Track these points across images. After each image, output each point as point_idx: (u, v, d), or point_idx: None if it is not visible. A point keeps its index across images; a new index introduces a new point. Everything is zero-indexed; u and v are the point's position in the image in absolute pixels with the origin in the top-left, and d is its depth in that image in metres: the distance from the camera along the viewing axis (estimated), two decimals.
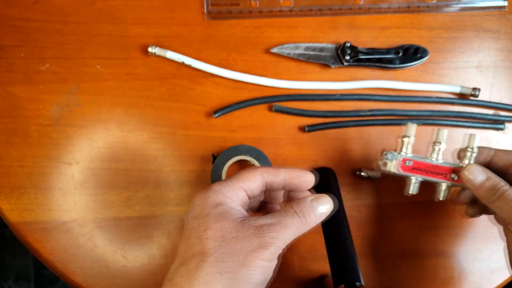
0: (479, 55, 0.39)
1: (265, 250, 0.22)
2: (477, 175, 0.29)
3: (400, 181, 0.34)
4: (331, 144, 0.38)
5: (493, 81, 0.39)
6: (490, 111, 0.39)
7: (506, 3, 0.38)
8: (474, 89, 0.38)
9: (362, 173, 0.37)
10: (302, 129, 0.38)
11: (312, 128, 0.37)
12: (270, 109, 0.38)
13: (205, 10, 0.37)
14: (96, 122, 0.37)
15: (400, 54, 0.38)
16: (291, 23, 0.38)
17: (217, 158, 0.35)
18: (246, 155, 0.35)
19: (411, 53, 0.38)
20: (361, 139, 0.38)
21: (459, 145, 0.34)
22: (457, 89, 0.38)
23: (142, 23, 0.37)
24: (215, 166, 0.35)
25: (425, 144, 0.38)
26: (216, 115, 0.36)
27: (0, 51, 0.37)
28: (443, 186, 0.32)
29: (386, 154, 0.32)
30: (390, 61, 0.37)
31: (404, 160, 0.31)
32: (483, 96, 0.39)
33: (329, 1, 0.37)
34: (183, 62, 0.37)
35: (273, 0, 0.37)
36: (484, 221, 0.38)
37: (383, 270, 0.38)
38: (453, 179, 0.31)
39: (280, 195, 0.29)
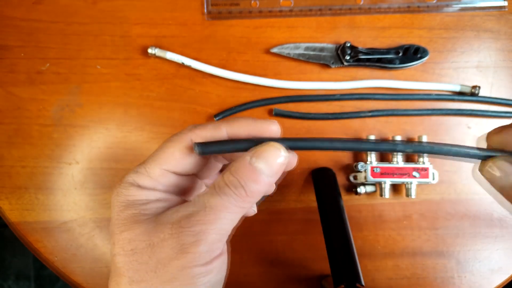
0: (479, 55, 0.39)
1: (189, 255, 0.16)
2: (501, 175, 0.18)
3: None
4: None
5: (493, 81, 0.39)
6: (491, 107, 0.39)
7: (506, 3, 0.38)
8: (474, 87, 0.38)
9: (358, 190, 0.37)
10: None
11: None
12: (270, 110, 0.38)
13: (205, 10, 0.37)
14: (97, 122, 0.37)
15: (400, 54, 0.38)
16: (291, 23, 0.38)
17: None
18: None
19: (411, 53, 0.38)
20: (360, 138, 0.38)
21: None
22: (457, 88, 0.38)
23: (143, 23, 0.37)
24: None
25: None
26: (217, 118, 0.37)
27: (2, 52, 0.37)
28: (408, 185, 0.36)
29: (356, 166, 0.36)
30: (390, 61, 0.37)
31: (372, 168, 0.35)
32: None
33: (329, 1, 0.37)
34: (183, 63, 0.37)
35: (273, 0, 0.37)
36: (484, 221, 0.38)
37: (383, 270, 0.38)
38: (415, 176, 0.35)
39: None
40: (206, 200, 0.17)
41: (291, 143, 0.17)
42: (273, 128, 0.18)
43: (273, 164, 0.16)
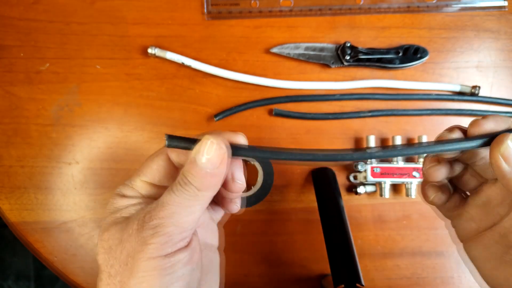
0: (479, 55, 0.39)
1: (147, 246, 0.17)
2: (502, 162, 0.18)
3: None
4: (331, 144, 0.38)
5: (493, 81, 0.39)
6: (491, 107, 0.39)
7: (506, 3, 0.38)
8: (474, 87, 0.38)
9: (359, 190, 0.37)
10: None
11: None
12: (270, 110, 0.38)
13: (205, 10, 0.37)
14: (96, 122, 0.37)
15: (400, 54, 0.38)
16: (291, 23, 0.38)
17: None
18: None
19: (411, 53, 0.38)
20: (361, 139, 0.38)
21: None
22: (457, 88, 0.38)
23: (142, 23, 0.37)
24: None
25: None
26: (217, 118, 0.36)
27: (1, 51, 0.37)
28: (408, 185, 0.36)
29: (356, 166, 0.36)
30: (390, 61, 0.37)
31: (372, 168, 0.35)
32: None
33: (329, 1, 0.37)
34: (183, 63, 0.37)
35: (273, 0, 0.37)
36: None
37: (383, 270, 0.38)
38: (415, 176, 0.35)
39: None
40: (163, 198, 0.19)
41: (239, 150, 0.19)
42: (240, 139, 0.20)
43: (211, 156, 0.18)
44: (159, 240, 0.17)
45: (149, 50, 0.36)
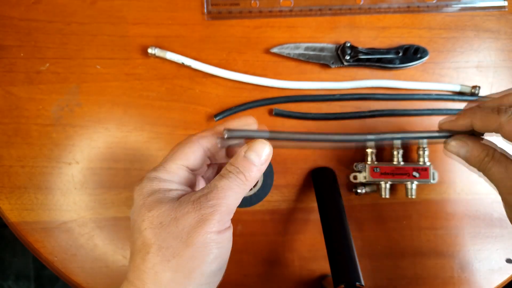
0: (479, 55, 0.39)
1: (207, 222, 0.20)
2: (459, 151, 0.27)
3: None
4: (331, 144, 0.38)
5: (493, 81, 0.39)
6: None
7: (506, 3, 0.38)
8: (474, 87, 0.38)
9: (359, 190, 0.37)
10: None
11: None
12: (270, 110, 0.38)
13: (205, 10, 0.37)
14: (96, 122, 0.37)
15: (400, 54, 0.38)
16: (291, 23, 0.38)
17: None
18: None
19: (411, 53, 0.38)
20: None
21: None
22: (457, 88, 0.38)
23: (142, 23, 0.37)
24: None
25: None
26: (217, 118, 0.36)
27: (1, 51, 0.37)
28: (408, 185, 0.36)
29: (355, 166, 0.36)
30: (390, 61, 0.37)
31: (372, 168, 0.35)
32: None
33: (329, 1, 0.37)
34: (183, 63, 0.37)
35: (273, 0, 0.37)
36: (484, 221, 0.38)
37: (383, 270, 0.38)
38: (415, 176, 0.35)
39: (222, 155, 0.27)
40: (217, 183, 0.22)
41: (274, 134, 0.24)
42: (251, 124, 0.25)
43: (261, 155, 0.22)
44: (216, 217, 0.20)
45: (149, 50, 0.36)
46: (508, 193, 0.25)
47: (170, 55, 0.36)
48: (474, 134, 0.27)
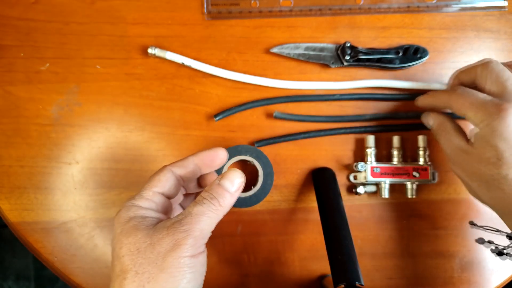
0: (479, 55, 0.39)
1: (181, 247, 0.21)
2: (428, 121, 0.34)
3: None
4: (331, 144, 0.38)
5: None
6: None
7: (506, 3, 0.38)
8: None
9: (359, 190, 0.37)
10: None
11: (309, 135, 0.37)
12: (269, 110, 0.38)
13: (205, 10, 0.37)
14: (96, 122, 0.37)
15: (400, 54, 0.38)
16: (291, 23, 0.38)
17: None
18: (246, 155, 0.35)
19: (411, 53, 0.38)
20: (361, 139, 0.38)
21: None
22: None
23: (142, 23, 0.37)
24: None
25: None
26: (217, 118, 0.36)
27: (0, 51, 0.37)
28: (409, 184, 0.36)
29: (356, 166, 0.36)
30: (390, 61, 0.37)
31: (372, 168, 0.35)
32: None
33: (329, 1, 0.37)
34: (183, 63, 0.37)
35: (273, 0, 0.37)
36: (485, 221, 0.38)
37: (383, 270, 0.38)
38: (415, 176, 0.36)
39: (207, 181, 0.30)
40: (190, 209, 0.23)
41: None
42: (220, 155, 0.28)
43: (234, 183, 0.24)
44: (190, 241, 0.21)
45: (149, 50, 0.36)
46: (449, 159, 0.32)
47: (170, 55, 0.36)
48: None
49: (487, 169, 0.27)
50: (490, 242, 0.35)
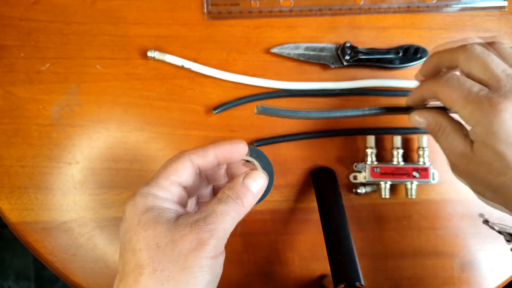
0: None
1: (205, 247, 0.20)
2: (419, 123, 0.28)
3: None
4: (331, 144, 0.38)
5: None
6: None
7: (506, 3, 0.38)
8: None
9: (359, 190, 0.37)
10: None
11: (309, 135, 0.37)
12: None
13: (205, 10, 0.37)
14: (96, 122, 0.37)
15: (400, 54, 0.38)
16: (291, 23, 0.38)
17: None
18: (246, 155, 0.35)
19: (411, 53, 0.38)
20: (361, 139, 0.38)
21: None
22: None
23: (142, 23, 0.37)
24: None
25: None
26: (216, 111, 0.36)
27: (1, 51, 0.37)
28: (408, 185, 0.36)
29: (355, 166, 0.36)
30: (390, 61, 0.37)
31: (372, 168, 0.35)
32: None
33: (329, 1, 0.37)
34: (182, 66, 0.37)
35: (273, 0, 0.37)
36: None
37: (383, 270, 0.38)
38: (415, 176, 0.35)
39: (221, 175, 0.27)
40: (214, 207, 0.22)
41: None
42: (242, 149, 0.25)
43: (258, 183, 0.23)
44: (214, 242, 0.20)
45: (149, 53, 0.36)
46: (451, 163, 0.27)
47: (170, 58, 0.36)
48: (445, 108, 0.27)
49: (493, 176, 0.24)
50: (500, 232, 0.35)
